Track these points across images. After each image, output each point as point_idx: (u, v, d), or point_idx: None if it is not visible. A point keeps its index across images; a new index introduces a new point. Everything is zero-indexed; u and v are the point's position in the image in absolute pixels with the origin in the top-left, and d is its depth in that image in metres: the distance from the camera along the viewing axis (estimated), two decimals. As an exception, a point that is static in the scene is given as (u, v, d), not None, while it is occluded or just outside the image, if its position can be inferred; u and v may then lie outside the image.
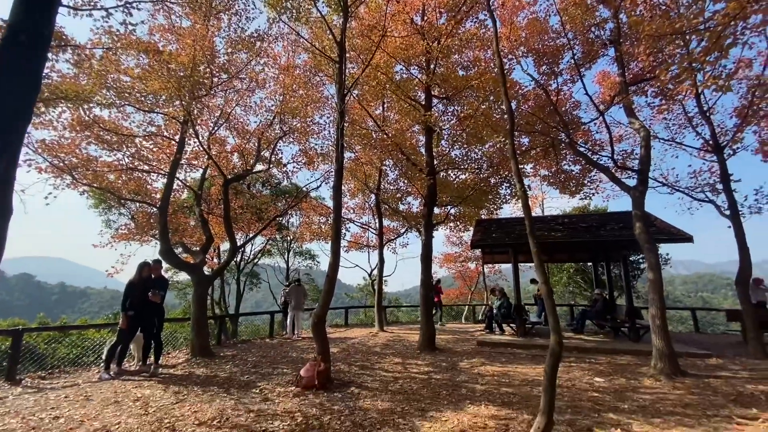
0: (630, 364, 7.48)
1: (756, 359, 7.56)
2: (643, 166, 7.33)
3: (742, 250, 8.20)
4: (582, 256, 13.90)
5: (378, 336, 11.50)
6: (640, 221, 7.05)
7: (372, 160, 12.44)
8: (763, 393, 5.43)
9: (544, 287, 3.56)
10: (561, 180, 11.84)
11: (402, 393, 5.54)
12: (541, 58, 10.26)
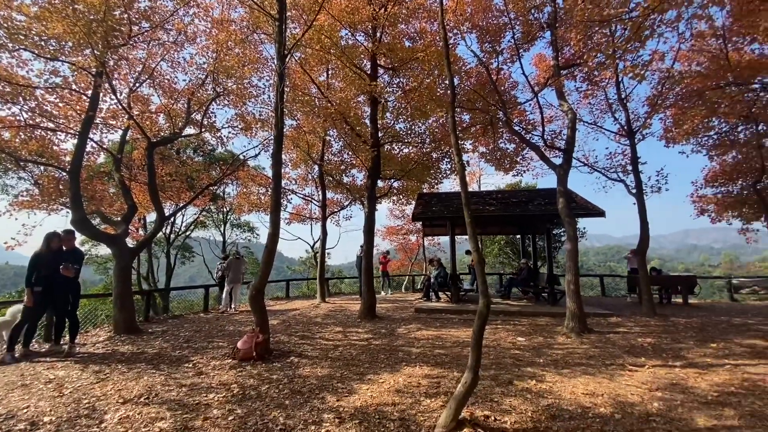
0: (548, 324, 8.36)
1: (647, 317, 8.87)
2: (568, 146, 7.97)
3: (643, 225, 9.41)
4: (512, 229, 15.00)
5: (320, 307, 11.56)
6: (563, 197, 7.73)
7: (315, 129, 12.03)
8: (650, 345, 6.42)
9: (476, 255, 3.80)
10: (497, 157, 12.48)
11: (342, 359, 5.68)
12: (484, 35, 10.46)
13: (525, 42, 10.23)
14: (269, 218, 6.12)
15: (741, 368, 5.07)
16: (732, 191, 11.49)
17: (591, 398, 4.06)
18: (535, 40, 10.43)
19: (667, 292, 11.35)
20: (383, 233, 23.06)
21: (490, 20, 10.43)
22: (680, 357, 5.67)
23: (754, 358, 5.58)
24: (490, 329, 7.84)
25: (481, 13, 10.45)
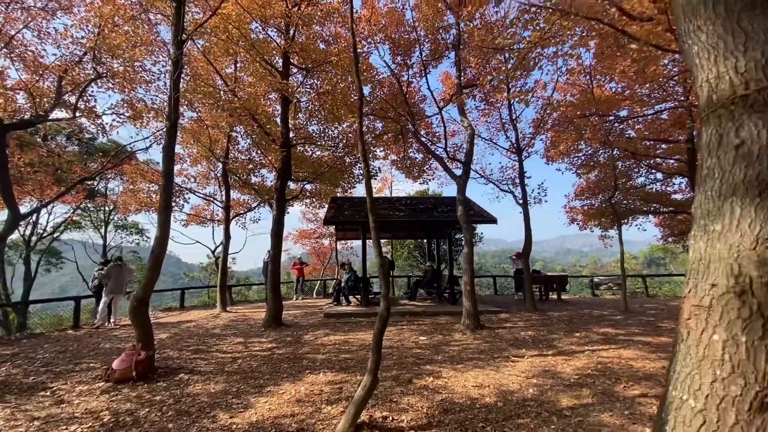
0: (447, 323, 8.96)
1: (529, 312, 10.10)
2: (467, 159, 8.70)
3: (527, 231, 10.72)
4: (420, 233, 15.81)
5: (219, 317, 10.69)
6: (462, 205, 8.40)
7: (219, 124, 11.17)
8: (530, 337, 7.29)
9: (379, 259, 3.89)
10: (407, 165, 13.07)
11: (240, 373, 5.32)
12: (396, 48, 10.91)
13: (433, 59, 10.95)
14: (157, 219, 5.47)
15: (596, 353, 6.05)
16: (594, 204, 13.79)
17: (479, 390, 4.45)
18: (442, 59, 11.22)
19: (545, 290, 13.09)
20: (295, 237, 22.38)
21: (402, 34, 10.91)
22: (552, 346, 6.55)
23: (606, 344, 6.71)
24: (395, 330, 8.11)
25: (394, 26, 10.87)
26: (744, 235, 1.09)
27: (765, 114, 1.11)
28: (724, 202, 1.16)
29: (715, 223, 1.17)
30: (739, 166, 1.13)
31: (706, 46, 1.23)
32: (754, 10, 1.17)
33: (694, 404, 1.13)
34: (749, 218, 1.09)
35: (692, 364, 1.16)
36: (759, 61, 1.13)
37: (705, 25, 1.24)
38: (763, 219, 1.06)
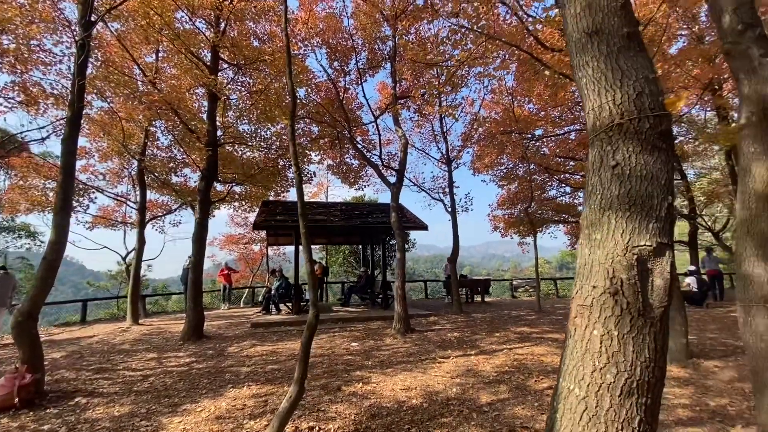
0: (380, 327, 9.06)
1: (456, 315, 10.62)
2: (401, 168, 8.96)
3: (455, 237, 11.31)
4: (355, 239, 15.84)
5: (130, 331, 9.62)
6: (395, 212, 8.61)
7: (135, 117, 10.14)
8: (456, 338, 7.66)
9: (308, 266, 3.81)
10: (343, 171, 13.05)
11: (151, 391, 4.83)
12: (333, 53, 10.88)
13: (370, 68, 11.12)
14: (52, 220, 4.77)
15: (513, 351, 6.54)
16: (514, 213, 15.01)
17: (407, 392, 4.55)
18: (379, 68, 11.46)
19: (471, 293, 13.88)
20: (222, 242, 21.02)
21: (339, 41, 10.93)
22: (475, 346, 6.95)
23: (521, 342, 7.29)
24: (327, 337, 8.00)
25: (331, 31, 10.85)
26: (617, 244, 1.28)
27: (635, 140, 1.32)
28: (603, 215, 1.35)
29: (596, 233, 1.36)
30: (615, 184, 1.33)
31: (592, 78, 1.44)
32: (629, 52, 1.39)
33: (578, 393, 1.29)
34: (621, 229, 1.28)
35: (578, 357, 1.33)
36: (631, 95, 1.35)
37: (591, 61, 1.44)
38: (631, 230, 1.26)
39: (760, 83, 2.77)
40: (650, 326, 1.22)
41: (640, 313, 1.23)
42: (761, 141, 2.76)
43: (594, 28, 1.43)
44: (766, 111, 2.77)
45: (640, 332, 1.22)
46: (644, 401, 1.20)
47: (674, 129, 13.33)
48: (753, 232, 2.78)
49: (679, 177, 14.15)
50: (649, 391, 1.21)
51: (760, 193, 2.75)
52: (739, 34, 2.87)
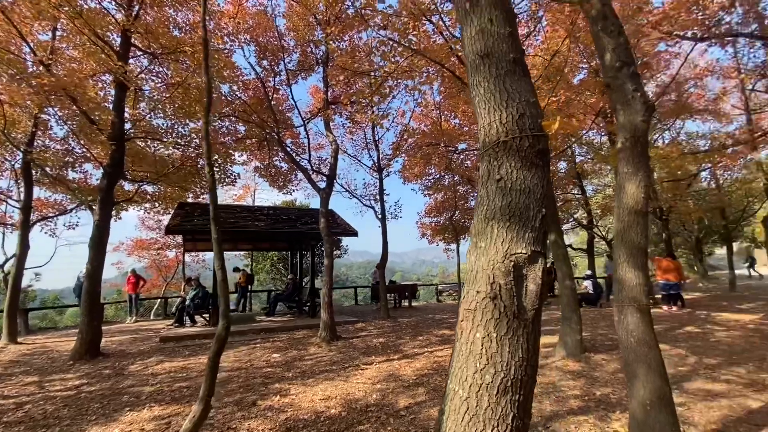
0: (305, 336, 8.80)
1: (383, 320, 10.74)
2: (331, 173, 8.88)
3: (385, 244, 11.49)
4: (283, 245, 15.27)
5: (5, 351, 8.15)
6: (324, 217, 8.49)
7: (20, 102, 8.71)
8: (381, 344, 7.73)
9: (219, 273, 3.56)
10: (271, 174, 12.56)
11: (25, 422, 4.12)
12: (263, 52, 10.48)
13: (302, 70, 10.92)
14: None
15: (434, 354, 6.78)
16: (440, 221, 15.74)
17: (326, 402, 4.46)
18: (312, 72, 11.29)
19: (399, 298, 14.18)
20: (130, 247, 18.87)
21: (270, 40, 10.56)
22: (399, 351, 7.08)
23: (442, 344, 7.59)
24: (247, 349, 7.56)
25: (262, 29, 10.45)
26: (498, 251, 1.39)
27: (517, 157, 1.45)
28: (488, 224, 1.45)
29: (482, 241, 1.46)
30: (499, 196, 1.44)
31: (483, 98, 1.55)
32: (514, 75, 1.53)
33: (462, 393, 1.36)
34: (502, 238, 1.39)
35: (462, 360, 1.40)
36: (515, 116, 1.48)
37: (483, 81, 1.56)
38: (510, 239, 1.38)
39: (633, 114, 3.25)
40: (524, 328, 1.34)
41: (515, 315, 1.34)
42: (633, 163, 3.22)
43: (486, 51, 1.55)
44: (636, 138, 3.24)
45: (515, 334, 1.33)
46: (517, 398, 1.31)
47: (576, 150, 15.08)
48: (626, 241, 3.22)
49: (580, 192, 16.06)
50: (522, 389, 1.32)
51: (630, 207, 3.21)
52: (617, 71, 3.34)
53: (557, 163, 14.71)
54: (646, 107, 3.16)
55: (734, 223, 18.03)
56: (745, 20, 7.71)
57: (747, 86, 9.93)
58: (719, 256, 26.27)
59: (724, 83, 11.58)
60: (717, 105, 11.81)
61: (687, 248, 24.13)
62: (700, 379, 5.00)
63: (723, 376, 5.08)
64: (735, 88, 10.99)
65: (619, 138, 3.29)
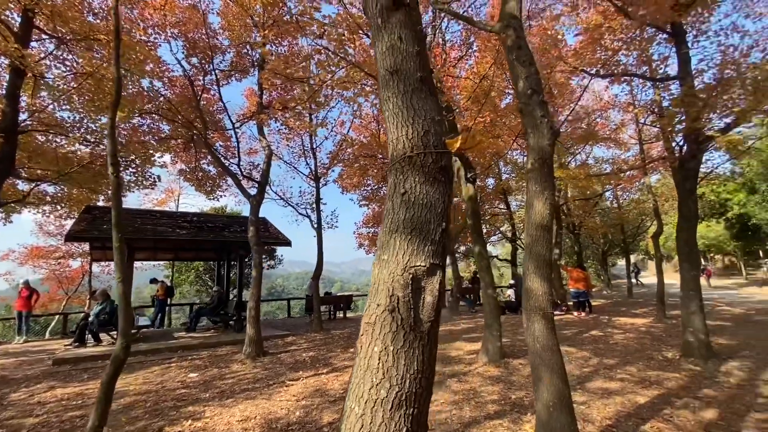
0: (228, 353, 8.23)
1: (316, 333, 10.45)
2: (263, 180, 8.53)
3: (320, 254, 11.26)
4: (209, 254, 14.27)
5: None
6: (254, 226, 8.10)
7: None
8: (310, 358, 7.49)
9: (120, 286, 3.19)
10: (198, 177, 11.74)
11: None
12: (193, 48, 9.84)
13: (236, 71, 10.43)
14: None
15: (363, 365, 6.71)
16: (377, 232, 15.89)
17: (244, 423, 4.17)
18: (248, 74, 10.84)
19: (334, 309, 13.94)
20: (23, 256, 16.33)
21: (202, 36, 9.96)
22: (329, 364, 6.91)
23: (373, 355, 7.56)
24: (160, 369, 6.87)
25: (193, 25, 9.83)
26: (399, 264, 1.41)
27: (420, 172, 1.49)
28: (391, 237, 1.47)
29: (384, 254, 1.47)
30: (402, 209, 1.47)
31: (392, 113, 1.59)
32: (421, 93, 1.59)
33: (357, 411, 1.34)
34: (403, 250, 1.42)
35: (360, 375, 1.39)
36: (420, 132, 1.53)
37: (392, 97, 1.60)
38: (410, 252, 1.41)
39: (540, 138, 3.56)
40: (419, 340, 1.36)
41: (412, 328, 1.36)
42: (540, 182, 3.52)
43: (395, 68, 1.59)
44: (543, 159, 3.56)
45: (411, 346, 1.34)
46: (412, 412, 1.32)
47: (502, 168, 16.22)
48: (533, 254, 3.49)
49: (506, 207, 17.27)
50: (416, 402, 1.33)
51: (538, 222, 3.49)
52: (528, 97, 3.65)
53: (486, 179, 15.71)
54: (552, 132, 3.49)
55: (631, 237, 20.67)
56: (638, 63, 8.95)
57: (640, 120, 11.51)
58: (621, 266, 29.80)
59: (623, 116, 13.33)
60: (617, 134, 13.54)
61: (595, 259, 27.08)
62: (600, 378, 5.55)
63: (618, 375, 5.69)
64: (631, 121, 12.69)
65: (529, 159, 3.59)
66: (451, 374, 5.97)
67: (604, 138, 12.93)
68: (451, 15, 6.07)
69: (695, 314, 6.34)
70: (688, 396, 4.73)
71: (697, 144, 6.42)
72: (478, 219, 7.61)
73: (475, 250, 7.09)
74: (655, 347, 7.32)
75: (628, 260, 19.45)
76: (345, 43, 5.96)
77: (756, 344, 7.32)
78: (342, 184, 14.02)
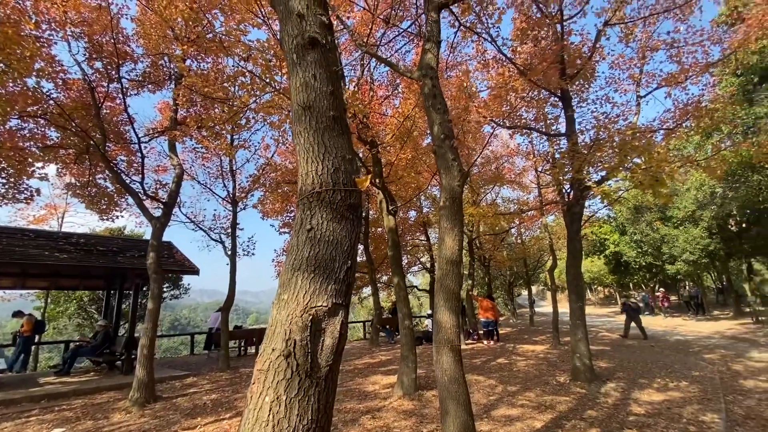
0: (110, 400, 7.05)
1: (222, 371, 9.47)
2: (170, 200, 7.78)
3: (232, 283, 10.45)
4: (98, 282, 12.33)
5: None
6: (155, 251, 7.25)
7: None
8: (212, 401, 6.73)
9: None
10: (91, 194, 10.27)
11: None
12: (98, 52, 8.89)
13: (150, 82, 9.62)
14: None
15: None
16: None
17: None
18: (163, 86, 10.05)
19: (245, 345, 12.87)
20: None
21: (110, 40, 9.06)
22: (233, 408, 6.27)
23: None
24: (12, 426, 5.57)
25: (100, 27, 8.92)
26: (299, 304, 1.36)
27: (328, 209, 1.49)
28: (293, 275, 1.42)
29: (285, 293, 1.41)
30: (307, 246, 1.44)
31: (304, 147, 1.58)
32: (333, 132, 1.62)
33: (242, 471, 1.21)
34: (305, 290, 1.38)
35: (248, 429, 1.27)
36: (330, 169, 1.54)
37: (304, 132, 1.60)
38: (312, 291, 1.37)
39: (451, 178, 3.83)
40: (316, 386, 1.30)
41: (308, 374, 1.30)
42: (450, 219, 3.76)
43: (308, 104, 1.61)
44: (453, 198, 3.82)
45: (306, 394, 1.28)
46: (303, 466, 1.23)
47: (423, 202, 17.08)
48: (443, 287, 3.66)
49: (425, 239, 18.07)
50: (309, 454, 1.25)
51: (448, 257, 3.68)
52: (442, 141, 3.94)
53: (408, 212, 16.36)
54: (462, 174, 3.79)
55: (532, 270, 22.94)
56: (537, 119, 10.34)
57: (538, 168, 13.16)
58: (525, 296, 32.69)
59: (526, 163, 15.14)
60: (521, 178, 15.27)
61: (503, 290, 29.39)
62: (504, 405, 5.88)
63: (519, 401, 6.08)
64: (531, 168, 14.45)
65: (442, 197, 3.84)
66: (366, 410, 5.82)
67: (510, 181, 14.46)
68: (377, 59, 6.43)
69: (581, 341, 7.15)
70: (575, 418, 5.22)
71: (581, 192, 7.52)
72: (398, 250, 7.80)
73: (394, 280, 7.20)
74: (550, 372, 8.03)
75: (530, 291, 21.44)
76: (272, 69, 5.90)
77: (628, 366, 8.46)
78: (263, 209, 13.42)
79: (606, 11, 8.08)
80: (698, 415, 5.15)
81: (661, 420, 5.03)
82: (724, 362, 8.73)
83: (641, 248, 21.74)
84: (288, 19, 1.66)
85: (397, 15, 8.06)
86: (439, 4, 4.27)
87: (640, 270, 23.99)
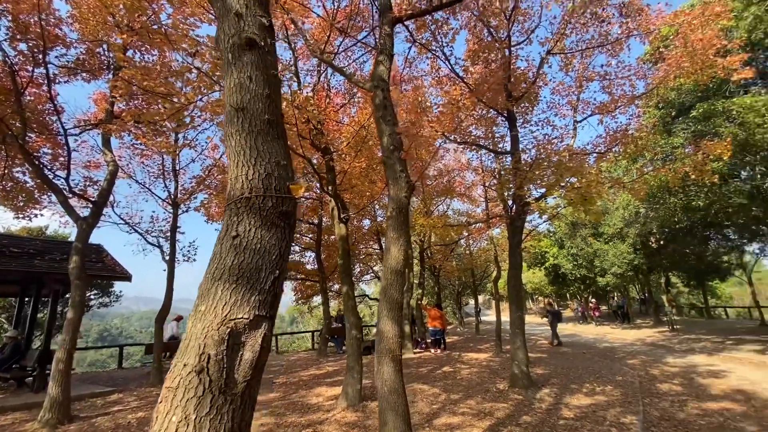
0: (16, 422, 6.24)
1: (153, 386, 8.74)
2: (100, 199, 7.15)
3: (169, 291, 9.74)
4: (10, 288, 10.93)
5: None
6: (79, 255, 6.59)
7: None
8: (137, 420, 6.17)
9: None
10: (6, 188, 9.15)
11: None
12: (23, 33, 8.01)
13: (84, 71, 8.83)
14: None
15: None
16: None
17: None
18: (100, 77, 9.26)
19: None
20: None
21: (40, 22, 8.22)
22: (162, 426, 5.78)
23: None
24: None
25: (30, 7, 8.06)
26: (216, 316, 1.28)
27: (257, 216, 1.43)
28: (213, 285, 1.35)
29: (203, 304, 1.33)
30: (231, 255, 1.37)
31: (234, 150, 1.52)
32: (267, 136, 1.57)
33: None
34: (224, 301, 1.31)
35: None
36: (262, 174, 1.48)
37: (236, 134, 1.54)
38: (233, 302, 1.30)
39: (399, 189, 3.88)
40: (230, 404, 1.23)
41: (221, 390, 1.22)
42: (397, 229, 3.79)
43: (241, 106, 1.55)
44: (400, 209, 3.86)
45: (218, 412, 1.20)
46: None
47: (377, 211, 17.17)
48: (387, 297, 3.66)
49: (378, 248, 18.12)
50: (218, 478, 1.17)
51: (393, 267, 3.70)
52: (390, 152, 3.99)
53: (362, 220, 16.35)
54: (408, 185, 3.86)
55: (480, 280, 23.83)
56: (486, 136, 10.84)
57: (486, 182, 13.79)
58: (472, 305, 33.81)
59: (475, 177, 15.78)
60: (470, 192, 15.88)
61: (451, 299, 30.19)
62: (446, 414, 5.97)
63: (461, 409, 6.22)
64: (480, 182, 15.11)
65: (388, 208, 3.87)
66: (307, 424, 5.64)
67: (461, 194, 14.99)
68: (331, 67, 6.42)
69: (520, 349, 7.50)
70: (512, 424, 5.44)
71: (522, 207, 7.96)
72: (348, 259, 7.74)
73: (342, 290, 7.12)
74: (491, 380, 8.32)
75: (476, 300, 22.19)
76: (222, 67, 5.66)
77: (561, 372, 9.00)
78: (208, 213, 12.73)
79: (549, 41, 8.73)
80: (620, 417, 5.58)
81: (587, 423, 5.38)
82: (644, 367, 9.57)
83: (577, 261, 23.45)
84: (225, 17, 1.60)
85: (355, 25, 8.12)
86: (393, 18, 4.37)
87: (575, 281, 25.81)
